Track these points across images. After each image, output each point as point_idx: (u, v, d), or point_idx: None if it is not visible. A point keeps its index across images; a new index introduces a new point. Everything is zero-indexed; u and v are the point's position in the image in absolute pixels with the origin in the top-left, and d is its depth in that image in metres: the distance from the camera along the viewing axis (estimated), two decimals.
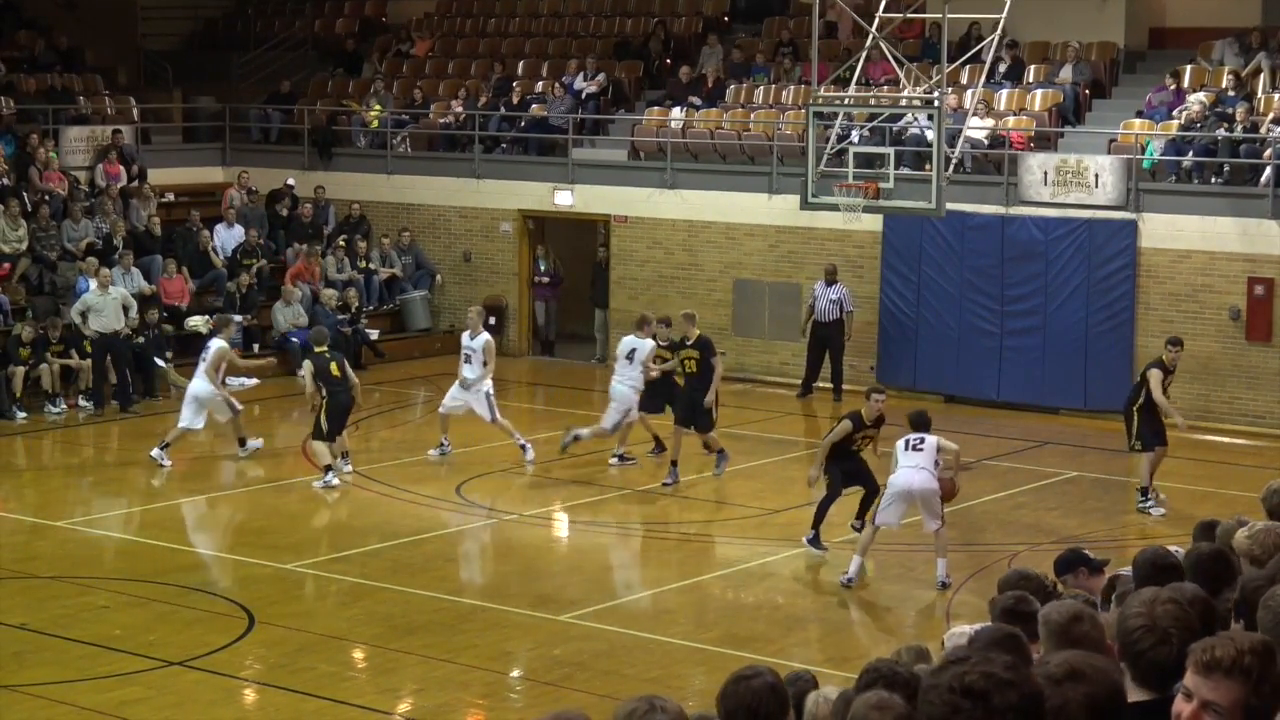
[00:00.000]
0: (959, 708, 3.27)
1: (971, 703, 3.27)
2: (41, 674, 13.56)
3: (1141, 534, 18.02)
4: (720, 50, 29.94)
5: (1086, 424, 23.83)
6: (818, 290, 25.10)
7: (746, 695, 5.19)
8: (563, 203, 28.63)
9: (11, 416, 23.40)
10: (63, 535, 18.05)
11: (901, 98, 24.75)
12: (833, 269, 25.18)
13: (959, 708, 3.27)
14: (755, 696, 5.19)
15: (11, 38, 32.33)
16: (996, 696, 3.28)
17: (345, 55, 33.54)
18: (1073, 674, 3.95)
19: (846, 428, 16.87)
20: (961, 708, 3.27)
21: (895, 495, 16.05)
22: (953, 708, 3.27)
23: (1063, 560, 10.09)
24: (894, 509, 16.09)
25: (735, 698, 5.19)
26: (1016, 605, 6.79)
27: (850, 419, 16.96)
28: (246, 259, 28.15)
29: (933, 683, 3.33)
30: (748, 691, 5.20)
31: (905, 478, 15.97)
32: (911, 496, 16.00)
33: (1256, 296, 23.32)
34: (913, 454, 16.04)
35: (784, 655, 14.06)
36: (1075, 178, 24.34)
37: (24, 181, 27.38)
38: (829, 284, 24.96)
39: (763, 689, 5.22)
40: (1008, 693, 3.28)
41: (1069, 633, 5.07)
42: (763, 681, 5.25)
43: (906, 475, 15.97)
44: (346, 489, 20.02)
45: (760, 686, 5.22)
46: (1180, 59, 26.29)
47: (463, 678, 13.71)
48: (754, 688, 5.21)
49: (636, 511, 19.54)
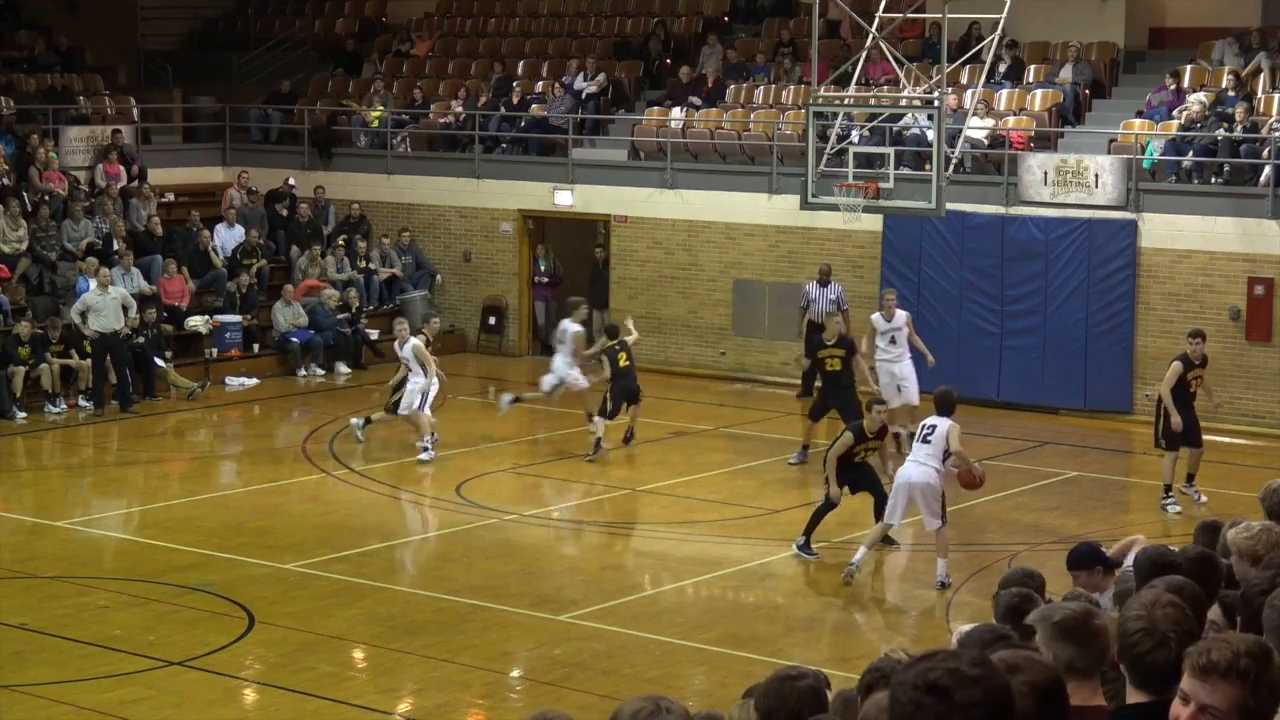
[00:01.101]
0: (922, 704, 3.29)
1: (935, 698, 3.28)
2: (41, 674, 13.57)
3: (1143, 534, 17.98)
4: (720, 50, 29.94)
5: (1086, 424, 23.84)
6: (813, 292, 24.84)
7: (791, 695, 5.20)
8: (563, 203, 28.64)
9: (11, 416, 23.40)
10: (63, 535, 18.06)
11: (901, 98, 24.76)
12: (827, 269, 25.02)
13: (922, 704, 3.29)
14: (800, 698, 5.20)
15: (11, 38, 32.34)
16: (959, 692, 3.28)
17: (345, 55, 33.54)
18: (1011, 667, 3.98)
19: (848, 440, 16.68)
20: (925, 704, 3.28)
21: (896, 489, 16.11)
22: (916, 704, 3.28)
23: (1077, 554, 9.66)
24: (896, 505, 16.10)
25: (779, 696, 5.20)
26: (1021, 604, 6.77)
27: (852, 431, 16.78)
28: (246, 259, 28.15)
29: (900, 679, 3.35)
30: (792, 692, 5.21)
31: (905, 471, 16.04)
32: (911, 490, 15.95)
33: (1256, 296, 23.32)
34: (920, 446, 16.03)
35: (784, 655, 14.07)
36: (1075, 178, 24.34)
37: (24, 181, 27.39)
38: (823, 284, 24.80)
39: (807, 691, 5.22)
40: (971, 689, 3.29)
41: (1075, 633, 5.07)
42: (807, 684, 5.26)
43: (907, 469, 16.03)
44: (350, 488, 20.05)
45: (805, 689, 5.23)
46: (1180, 59, 26.28)
47: (463, 678, 13.71)
48: (799, 689, 5.22)
49: (636, 511, 19.55)
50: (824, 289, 24.71)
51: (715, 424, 23.90)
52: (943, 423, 15.99)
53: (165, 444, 23.20)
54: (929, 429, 16.02)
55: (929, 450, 15.92)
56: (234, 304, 27.32)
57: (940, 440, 15.90)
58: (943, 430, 15.92)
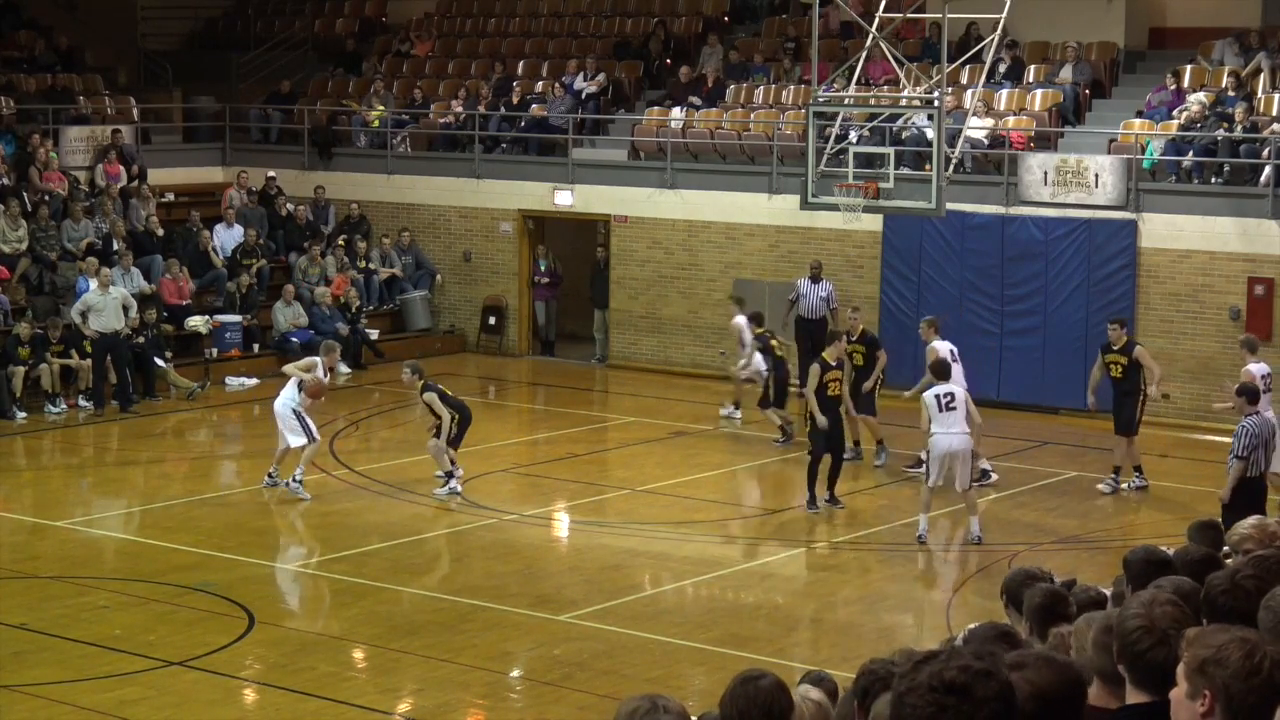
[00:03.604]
0: (944, 705, 3.26)
1: (957, 698, 3.27)
2: (41, 674, 13.57)
3: (1142, 534, 18.01)
4: (720, 50, 29.94)
5: (1086, 424, 23.80)
6: (803, 288, 24.85)
7: (759, 696, 5.20)
8: (563, 203, 28.64)
9: (11, 416, 23.40)
10: (63, 535, 18.06)
11: (901, 98, 24.75)
12: (818, 265, 25.02)
13: (944, 705, 3.26)
14: (768, 696, 5.20)
15: (11, 38, 32.33)
16: (979, 688, 3.28)
17: (345, 55, 33.54)
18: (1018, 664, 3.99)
19: (815, 371, 18.47)
20: (947, 704, 3.27)
21: (939, 458, 17.37)
22: (938, 706, 3.26)
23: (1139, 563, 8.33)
24: (939, 471, 17.41)
25: (747, 699, 5.19)
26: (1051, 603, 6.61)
27: (818, 363, 18.58)
28: (246, 259, 28.15)
29: (910, 684, 3.32)
30: (758, 692, 5.21)
31: (946, 442, 17.31)
32: (954, 459, 17.31)
33: (1256, 296, 23.32)
34: (947, 414, 17.32)
35: (784, 655, 14.08)
36: (1075, 178, 24.34)
37: (24, 181, 27.39)
38: (814, 280, 24.81)
39: (773, 689, 5.23)
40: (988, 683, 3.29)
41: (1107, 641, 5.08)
42: (771, 682, 5.26)
43: (947, 440, 17.31)
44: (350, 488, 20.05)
45: (770, 687, 5.23)
46: (1180, 59, 26.28)
47: (463, 678, 13.71)
48: (764, 688, 5.22)
49: (636, 511, 19.54)
50: (815, 285, 24.70)
51: (715, 424, 23.89)
52: (958, 390, 17.61)
53: (165, 444, 23.20)
54: (948, 397, 17.39)
55: (956, 417, 17.32)
56: (234, 304, 27.32)
57: (963, 404, 17.41)
58: (961, 396, 17.45)
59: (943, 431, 17.32)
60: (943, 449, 17.33)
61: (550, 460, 21.62)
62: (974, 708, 3.24)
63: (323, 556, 17.16)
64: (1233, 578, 5.41)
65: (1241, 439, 15.42)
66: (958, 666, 3.29)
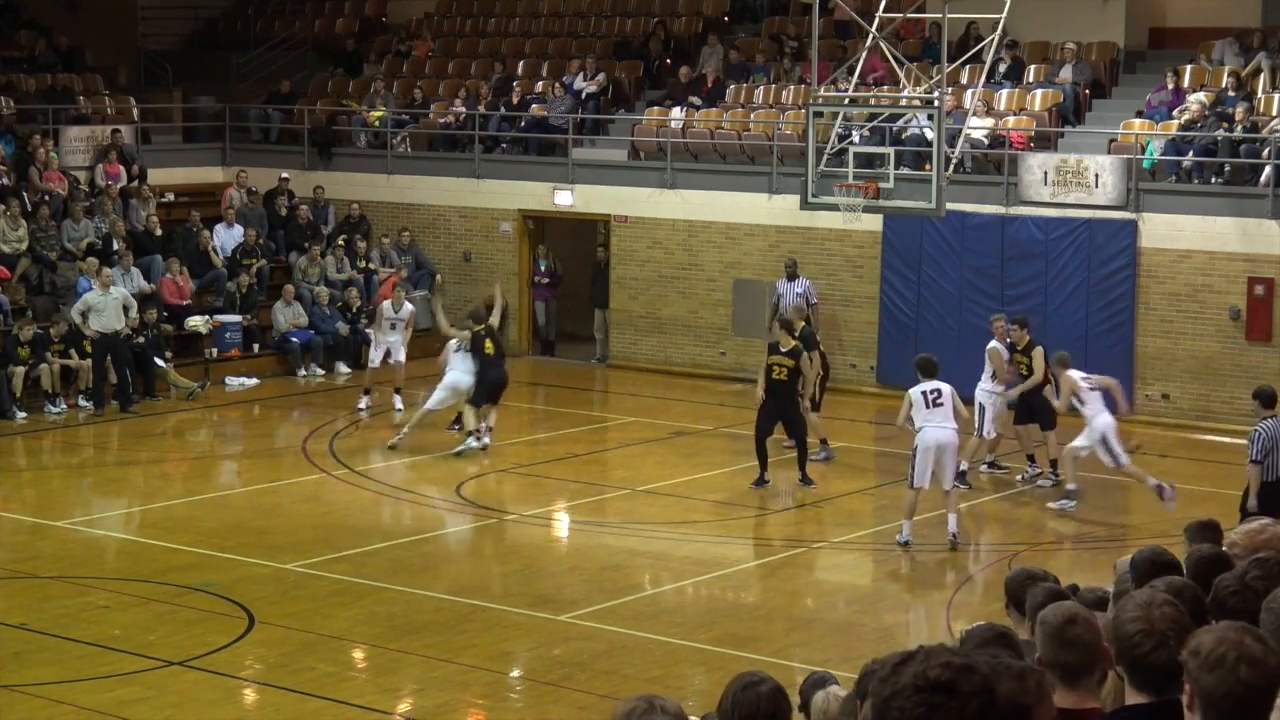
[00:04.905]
0: (934, 704, 3.25)
1: (944, 695, 3.26)
2: (41, 674, 13.57)
3: (1142, 534, 18.01)
4: (720, 50, 29.94)
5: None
6: (781, 288, 24.98)
7: (759, 700, 5.21)
8: (563, 203, 28.64)
9: (11, 416, 23.40)
10: (63, 535, 18.06)
11: (901, 98, 24.76)
12: (793, 264, 25.16)
13: (934, 704, 3.25)
14: (770, 701, 5.20)
15: (11, 38, 32.33)
16: (964, 683, 3.27)
17: (345, 55, 33.54)
18: None
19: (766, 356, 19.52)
20: (936, 703, 3.25)
21: (925, 454, 17.14)
22: (928, 705, 3.24)
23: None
24: (927, 469, 17.17)
25: (748, 704, 5.20)
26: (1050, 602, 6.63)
27: (769, 346, 19.56)
28: (246, 259, 28.15)
29: (894, 688, 3.29)
30: (757, 697, 5.22)
31: (933, 436, 17.14)
32: (939, 452, 17.12)
33: (1256, 296, 23.32)
34: (934, 410, 17.16)
35: (784, 655, 14.08)
36: (1075, 178, 24.34)
37: (24, 181, 27.39)
38: (791, 279, 24.92)
39: (773, 693, 5.24)
40: (971, 677, 3.28)
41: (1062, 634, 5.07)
42: (771, 687, 5.27)
43: (934, 434, 17.14)
44: (350, 488, 20.06)
45: (770, 692, 5.24)
46: (1180, 59, 26.28)
47: (463, 678, 13.71)
48: (765, 694, 5.23)
49: (636, 511, 19.54)
50: (791, 284, 24.82)
51: (715, 424, 23.89)
52: (944, 386, 17.36)
53: (165, 444, 23.21)
54: (935, 393, 17.22)
55: (944, 412, 17.19)
56: (234, 304, 27.32)
57: (949, 401, 17.24)
58: (948, 392, 17.28)
59: (931, 425, 17.18)
60: (930, 442, 17.16)
61: (550, 460, 21.62)
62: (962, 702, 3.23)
63: (323, 556, 17.16)
64: (1242, 578, 5.41)
65: (1256, 444, 15.44)
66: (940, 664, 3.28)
